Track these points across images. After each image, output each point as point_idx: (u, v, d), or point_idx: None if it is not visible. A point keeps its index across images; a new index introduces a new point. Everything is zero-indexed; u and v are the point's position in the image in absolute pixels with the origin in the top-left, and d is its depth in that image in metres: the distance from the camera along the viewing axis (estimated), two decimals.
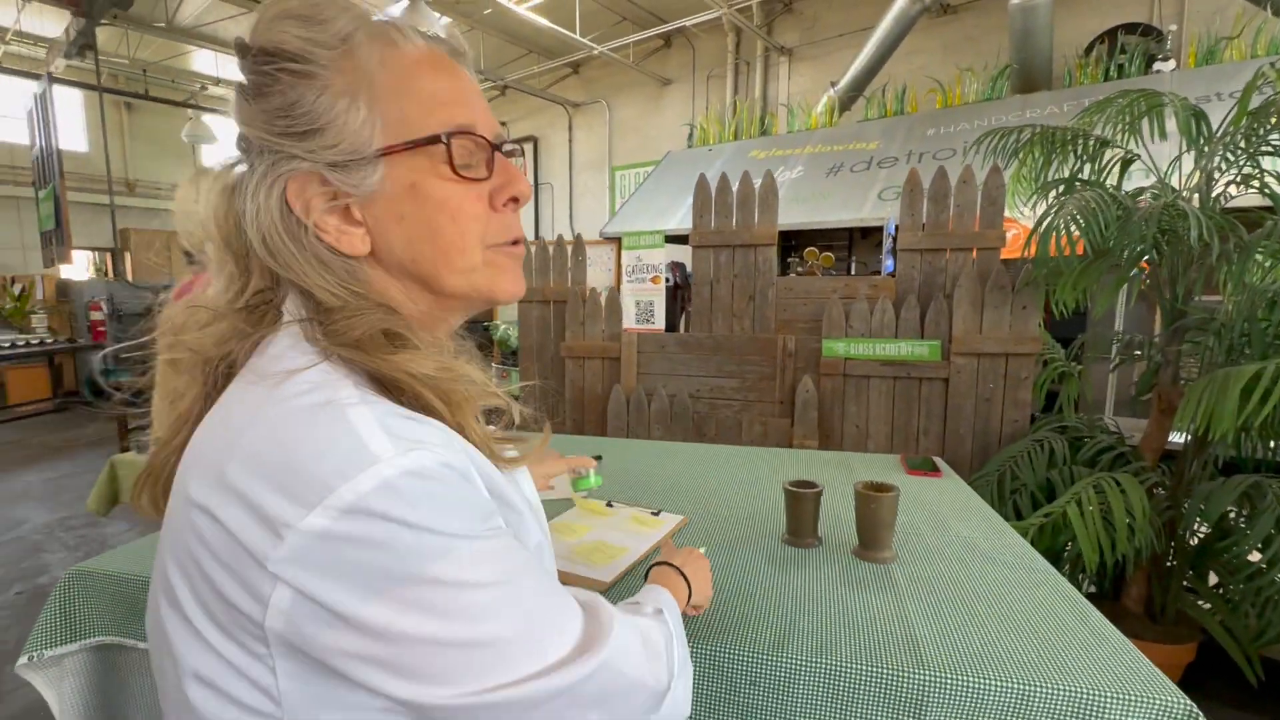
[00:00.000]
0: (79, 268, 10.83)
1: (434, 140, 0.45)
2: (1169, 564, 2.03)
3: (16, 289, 7.20)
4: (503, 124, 11.15)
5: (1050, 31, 5.19)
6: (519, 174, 0.50)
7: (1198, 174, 1.89)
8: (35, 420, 6.04)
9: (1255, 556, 1.77)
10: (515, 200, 0.50)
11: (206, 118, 9.95)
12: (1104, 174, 2.13)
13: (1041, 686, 0.72)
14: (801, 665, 0.78)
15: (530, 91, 9.59)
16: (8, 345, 5.87)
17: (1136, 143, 2.09)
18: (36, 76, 7.08)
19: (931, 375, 2.35)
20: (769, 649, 0.80)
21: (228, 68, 9.90)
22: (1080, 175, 2.16)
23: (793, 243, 6.78)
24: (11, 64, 8.59)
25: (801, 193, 5.73)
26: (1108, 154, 2.13)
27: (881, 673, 0.76)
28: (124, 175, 11.02)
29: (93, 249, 10.78)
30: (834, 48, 7.37)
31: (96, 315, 6.76)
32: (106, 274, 10.09)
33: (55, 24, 7.91)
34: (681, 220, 5.72)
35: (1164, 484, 2.00)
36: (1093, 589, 2.22)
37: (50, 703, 1.05)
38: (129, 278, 8.94)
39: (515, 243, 0.51)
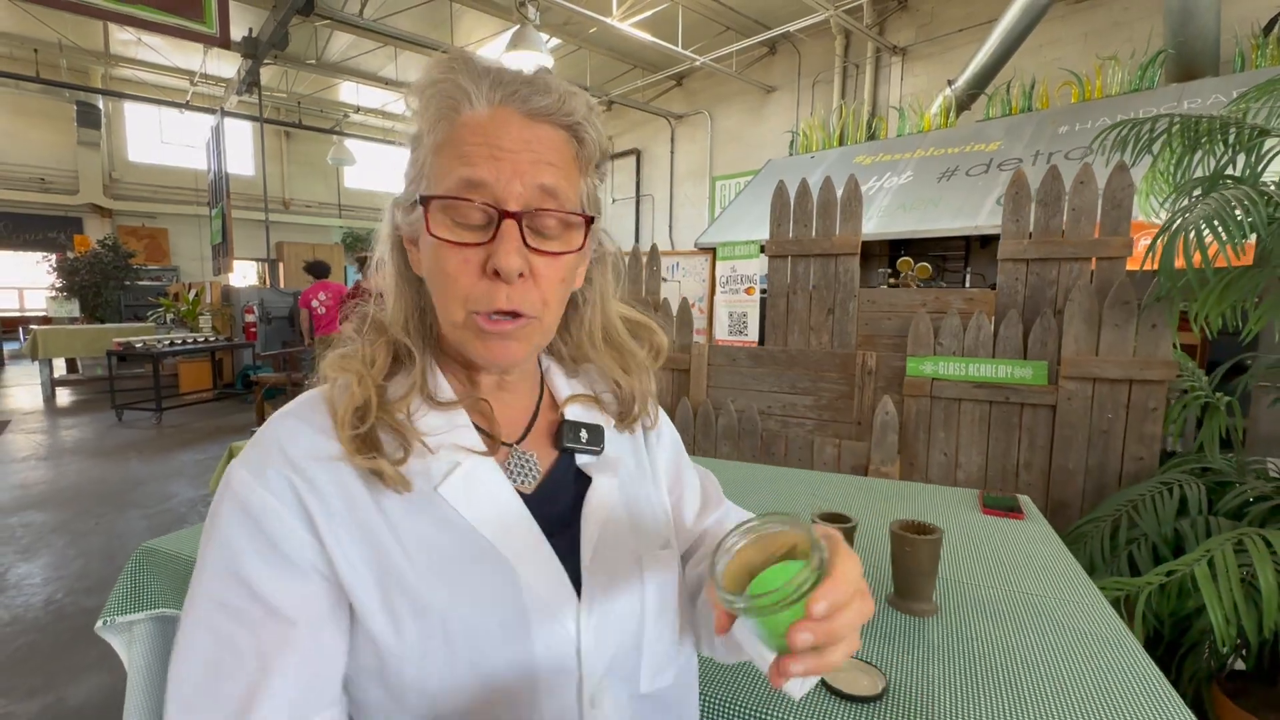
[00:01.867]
0: (245, 276, 12.45)
1: (423, 201, 0.48)
2: None
3: (191, 294, 8.36)
4: (608, 138, 11.44)
5: (1217, 8, 4.50)
6: (506, 246, 0.46)
7: None
8: (198, 408, 6.96)
9: None
10: (498, 273, 0.47)
11: (348, 142, 11.11)
12: (1260, 168, 1.78)
13: None
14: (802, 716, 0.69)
15: (634, 105, 9.79)
16: (180, 342, 6.81)
17: None
18: (213, 112, 8.24)
19: (1035, 401, 2.07)
20: (769, 701, 0.71)
21: (366, 96, 10.99)
22: (1230, 171, 1.82)
23: (901, 253, 6.38)
24: (198, 102, 10.08)
25: (909, 199, 5.36)
26: (1268, 144, 1.78)
27: None
28: (281, 195, 12.53)
29: (254, 260, 12.35)
30: (953, 44, 6.87)
31: (249, 318, 7.69)
32: (264, 282, 11.51)
33: (231, 65, 9.19)
34: None
35: None
36: (1241, 665, 1.85)
37: (124, 662, 1.18)
38: (280, 285, 10.13)
39: (506, 317, 0.48)
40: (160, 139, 11.37)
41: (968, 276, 6.18)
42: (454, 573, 0.47)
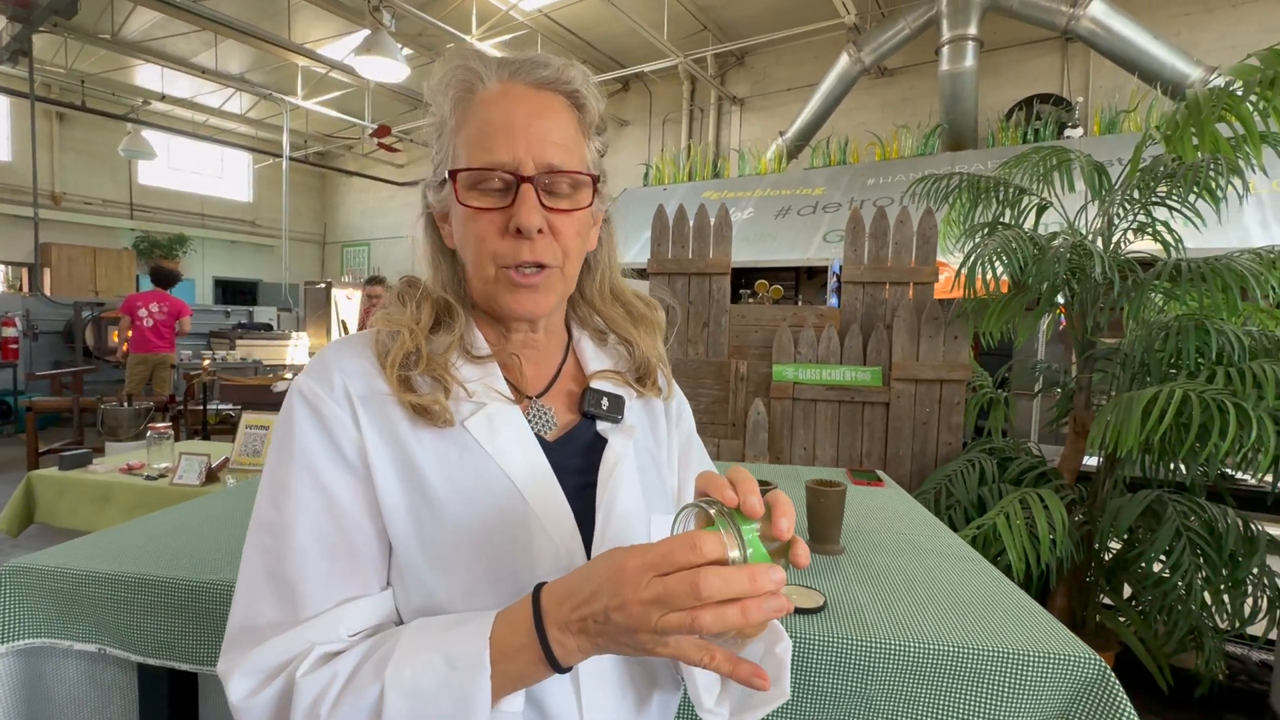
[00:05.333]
0: None
1: (451, 175, 0.55)
2: (1088, 578, 2.18)
3: None
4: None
5: (975, 97, 5.69)
6: (525, 207, 0.53)
7: (1100, 220, 2.13)
8: None
9: (1161, 569, 1.94)
10: (519, 231, 0.54)
11: (147, 133, 9.61)
12: (1021, 219, 2.36)
13: (973, 650, 0.79)
14: None
15: None
16: None
17: (1050, 192, 2.34)
18: None
19: (874, 400, 2.49)
20: None
21: (173, 83, 9.65)
22: (1001, 219, 2.38)
23: (743, 281, 7.02)
24: None
25: (752, 233, 5.99)
26: (1025, 201, 2.36)
27: (830, 643, 0.82)
28: (49, 187, 10.44)
29: (7, 263, 10.10)
30: (782, 100, 7.83)
31: (10, 332, 6.30)
32: (21, 288, 9.45)
33: None
34: (636, 255, 5.86)
35: (1080, 500, 2.17)
36: None
37: None
38: (47, 292, 8.40)
39: (522, 267, 0.55)
40: None
41: (799, 303, 7.01)
42: (469, 487, 0.54)
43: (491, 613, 0.47)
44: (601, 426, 0.63)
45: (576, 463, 0.61)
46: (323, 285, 9.55)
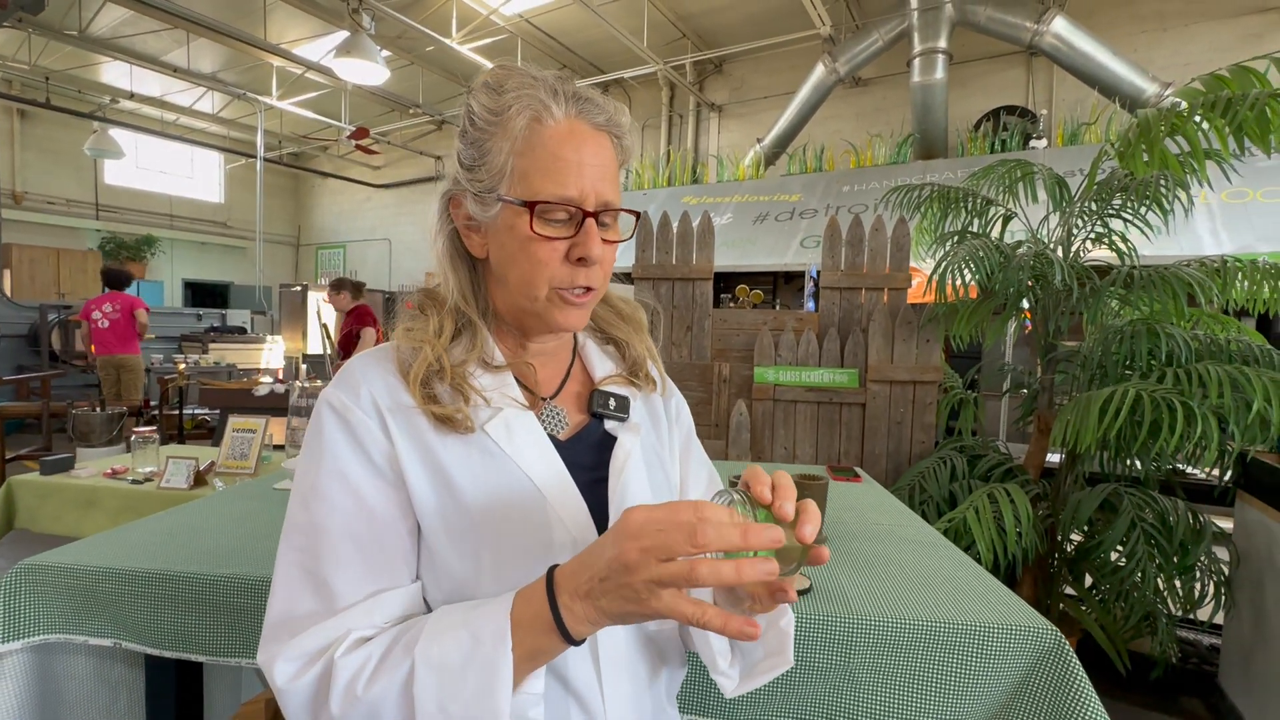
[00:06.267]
0: None
1: (528, 205, 0.59)
2: (1052, 568, 2.30)
3: None
4: (438, 158, 11.21)
5: (945, 107, 5.89)
6: (593, 239, 0.59)
7: (1061, 229, 2.25)
8: None
9: (1118, 558, 2.07)
10: (582, 259, 0.60)
11: (114, 131, 9.39)
12: (988, 228, 2.48)
13: (944, 624, 0.87)
14: None
15: None
16: None
17: (1014, 203, 2.47)
18: None
19: (851, 401, 2.59)
20: None
21: (142, 82, 9.46)
22: (970, 228, 2.50)
23: (722, 285, 7.14)
24: None
25: (731, 238, 6.09)
26: (991, 211, 2.48)
27: (817, 621, 0.89)
28: (10, 186, 10.14)
29: None
30: (760, 108, 7.98)
31: None
32: None
33: None
34: (617, 259, 5.90)
35: (1044, 495, 2.29)
36: None
37: None
38: (8, 294, 8.15)
39: (582, 290, 0.62)
40: None
41: (776, 306, 7.15)
42: (492, 487, 0.60)
43: (511, 593, 0.52)
44: (610, 425, 0.69)
45: (588, 459, 0.66)
46: (299, 288, 9.43)
